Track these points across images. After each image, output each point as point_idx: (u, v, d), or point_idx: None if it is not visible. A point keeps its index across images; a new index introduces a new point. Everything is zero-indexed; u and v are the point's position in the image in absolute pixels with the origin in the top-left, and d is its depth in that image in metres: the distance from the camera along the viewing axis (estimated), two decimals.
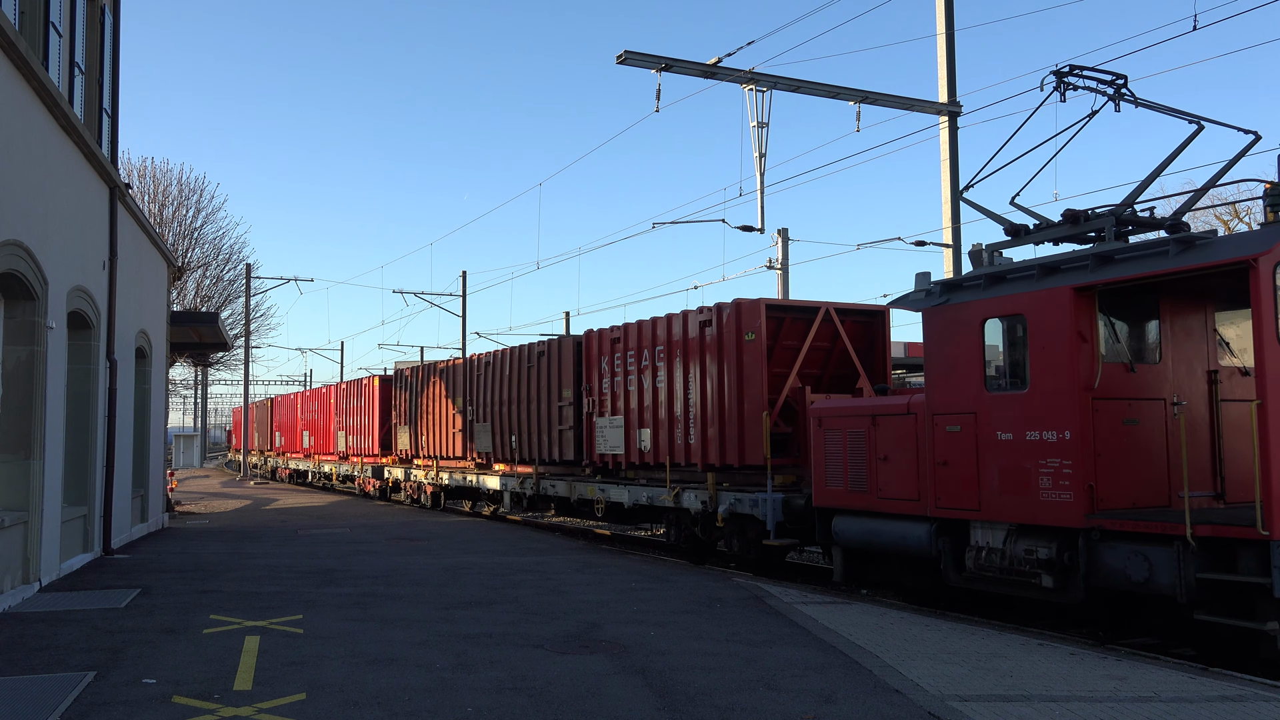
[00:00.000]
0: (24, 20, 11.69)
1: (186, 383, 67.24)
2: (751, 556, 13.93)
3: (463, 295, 46.78)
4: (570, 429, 18.12)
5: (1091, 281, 9.18)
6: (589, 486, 17.69)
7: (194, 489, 37.38)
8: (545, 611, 10.07)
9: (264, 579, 12.49)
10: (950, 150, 20.37)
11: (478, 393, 22.04)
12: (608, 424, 16.93)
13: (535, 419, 19.32)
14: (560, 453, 18.50)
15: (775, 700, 6.65)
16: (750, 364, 13.90)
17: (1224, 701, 6.69)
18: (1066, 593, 9.40)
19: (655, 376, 15.76)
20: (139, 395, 18.25)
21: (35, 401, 11.32)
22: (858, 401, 12.15)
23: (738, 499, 13.72)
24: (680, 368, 15.15)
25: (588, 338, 17.68)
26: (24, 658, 7.93)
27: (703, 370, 14.70)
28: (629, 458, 16.44)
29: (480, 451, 21.96)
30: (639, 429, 16.11)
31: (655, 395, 15.77)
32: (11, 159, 10.24)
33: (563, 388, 18.35)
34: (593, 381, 17.43)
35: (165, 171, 40.22)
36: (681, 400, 15.09)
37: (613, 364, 16.90)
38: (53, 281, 11.81)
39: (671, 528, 15.74)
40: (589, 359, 17.57)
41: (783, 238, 28.21)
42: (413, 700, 6.63)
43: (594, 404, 17.36)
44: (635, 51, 17.58)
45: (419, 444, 25.76)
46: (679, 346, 15.22)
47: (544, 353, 19.20)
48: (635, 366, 16.26)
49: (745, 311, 14.06)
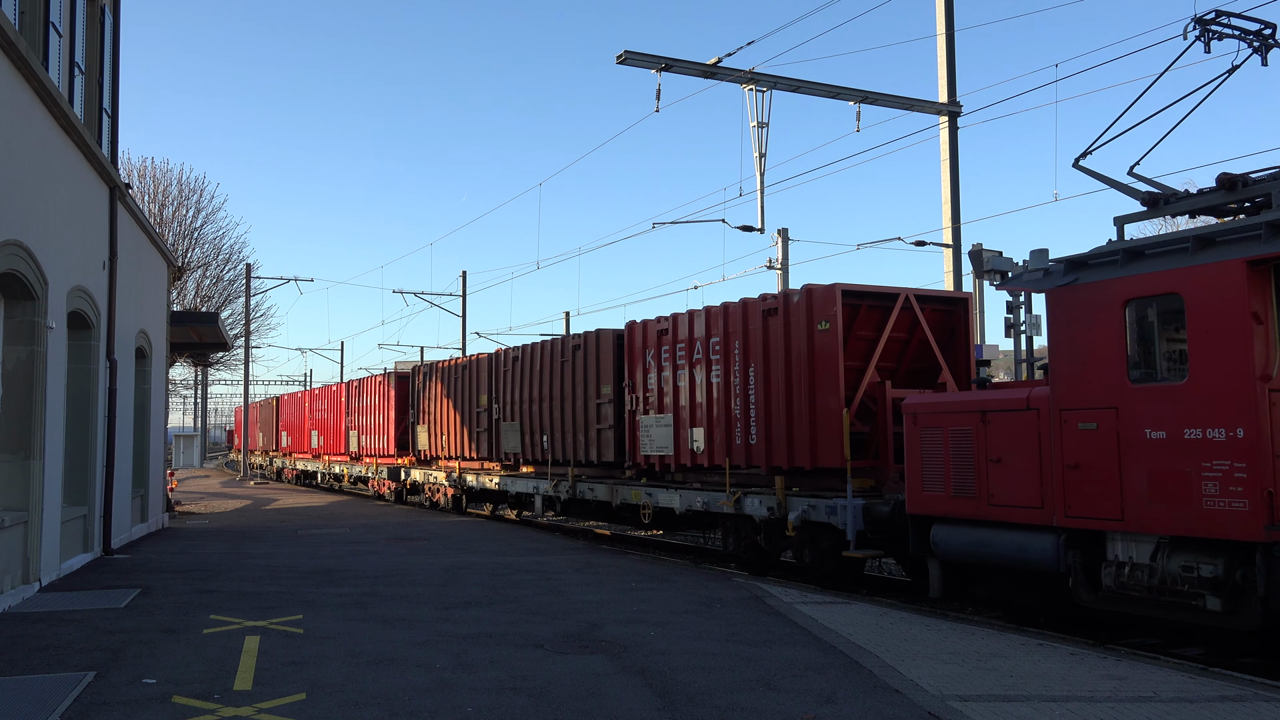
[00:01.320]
0: (24, 20, 11.69)
1: (186, 383, 67.30)
2: (826, 569, 12.74)
3: (463, 295, 46.79)
4: (610, 428, 17.01)
5: (1269, 254, 7.89)
6: (634, 490, 16.35)
7: (194, 489, 37.38)
8: (545, 611, 10.07)
9: (264, 579, 12.49)
10: (950, 150, 20.37)
11: (504, 390, 20.86)
12: (654, 423, 15.75)
13: (570, 418, 18.18)
14: (599, 454, 17.38)
15: (775, 700, 6.65)
16: (824, 356, 12.68)
17: (1224, 701, 6.69)
18: (1239, 617, 8.14)
19: (710, 371, 14.54)
20: (139, 395, 18.25)
21: (35, 401, 11.32)
22: (963, 396, 10.78)
23: (811, 505, 12.47)
24: (739, 361, 13.92)
25: (630, 330, 16.56)
26: (24, 658, 7.93)
27: (766, 363, 13.48)
28: (678, 459, 15.27)
29: (507, 452, 20.82)
30: (690, 428, 14.91)
31: (710, 391, 14.57)
32: (11, 159, 10.24)
33: (601, 384, 17.24)
34: (636, 377, 16.27)
35: (165, 171, 40.25)
36: (741, 397, 13.90)
37: (659, 357, 15.71)
38: (53, 281, 11.81)
39: (729, 536, 14.56)
40: (632, 352, 16.43)
41: (783, 238, 28.22)
42: (413, 700, 6.63)
43: (637, 401, 16.19)
44: (635, 51, 17.58)
45: (439, 444, 24.68)
46: (737, 338, 13.97)
47: (579, 346, 17.98)
48: (686, 360, 15.05)
49: (818, 298, 12.81)
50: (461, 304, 46.69)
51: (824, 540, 12.61)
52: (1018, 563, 9.77)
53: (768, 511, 13.27)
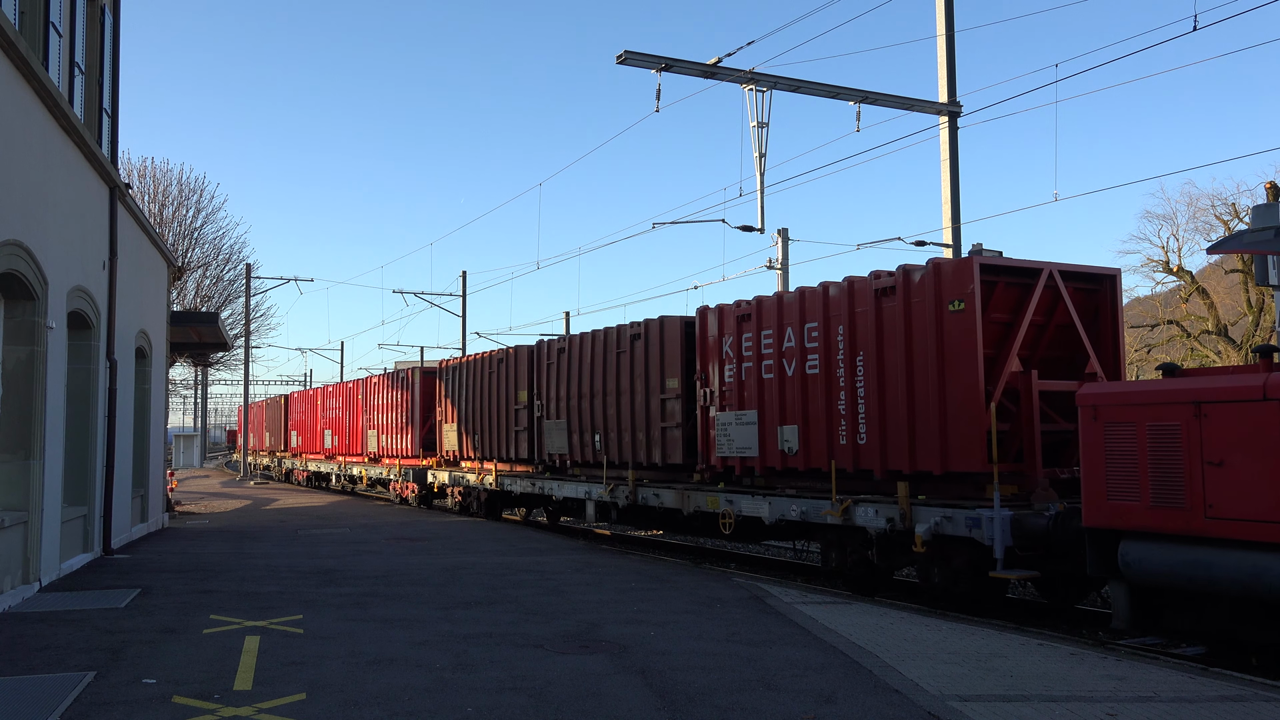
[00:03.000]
0: (24, 20, 11.70)
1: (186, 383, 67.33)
2: (962, 591, 11.07)
3: (463, 295, 46.79)
4: (677, 427, 15.43)
5: None
6: (710, 496, 14.57)
7: (194, 489, 37.38)
8: (545, 611, 10.07)
9: (264, 579, 12.49)
10: (950, 150, 20.36)
11: (548, 385, 19.14)
12: (733, 420, 14.07)
13: (628, 415, 16.54)
14: (663, 455, 15.75)
15: (775, 700, 6.65)
16: (956, 341, 11.07)
17: (1224, 701, 6.69)
18: None
19: (805, 361, 12.88)
20: (139, 395, 18.25)
21: (35, 401, 11.32)
22: (1168, 384, 8.98)
23: (947, 517, 10.81)
24: (844, 349, 12.33)
25: (703, 317, 14.94)
26: (24, 658, 7.93)
27: (880, 351, 11.89)
28: (764, 461, 13.60)
29: (551, 453, 19.09)
30: (780, 426, 13.24)
31: (805, 384, 12.86)
32: (11, 159, 10.24)
33: (666, 377, 15.70)
34: (710, 369, 14.64)
35: (165, 171, 40.28)
36: (846, 390, 12.30)
37: (739, 346, 14.07)
38: (53, 281, 11.81)
39: (832, 550, 12.80)
40: (705, 342, 14.80)
41: (783, 238, 28.21)
42: (413, 700, 6.63)
43: (712, 396, 14.54)
44: (635, 51, 17.58)
45: (469, 444, 22.95)
46: (840, 322, 12.40)
47: (640, 335, 16.37)
48: (774, 349, 13.40)
49: (948, 274, 11.16)
50: (461, 304, 46.71)
51: (957, 557, 11.04)
52: (1251, 589, 8.09)
53: (886, 523, 11.55)
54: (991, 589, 11.06)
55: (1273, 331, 30.66)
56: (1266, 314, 36.96)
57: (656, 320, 16.11)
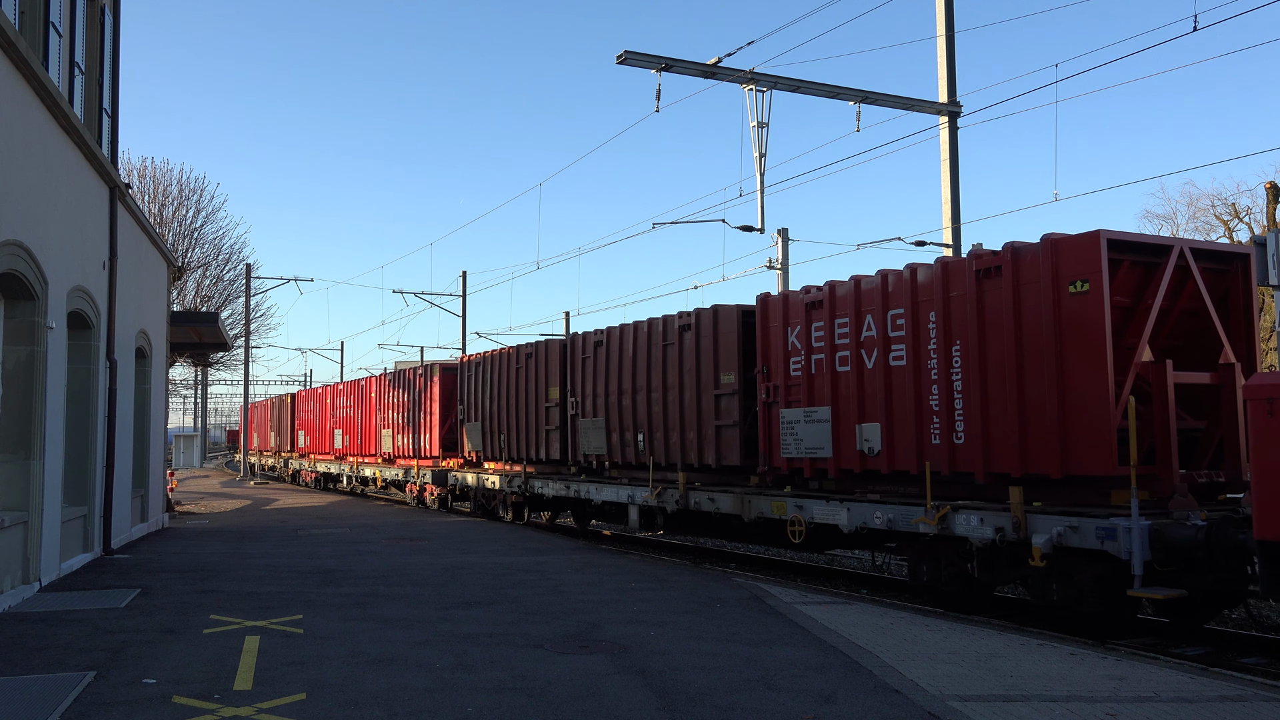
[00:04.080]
0: (24, 20, 11.69)
1: (186, 383, 67.34)
2: (1089, 610, 9.78)
3: (463, 295, 46.79)
4: (733, 425, 14.33)
5: None
6: (775, 502, 13.34)
7: (194, 489, 37.38)
8: (545, 611, 10.08)
9: (264, 579, 12.49)
10: (950, 150, 20.37)
11: (583, 381, 18.09)
12: (801, 418, 13.03)
13: (676, 412, 15.51)
14: (718, 456, 14.65)
15: (775, 700, 6.65)
16: (1080, 327, 9.86)
17: (1224, 701, 6.69)
18: None
19: (888, 351, 11.81)
20: (139, 395, 18.26)
21: (35, 401, 11.32)
22: None
23: (1073, 527, 9.59)
24: (937, 337, 11.22)
25: (765, 305, 13.78)
26: (24, 658, 7.93)
27: (981, 339, 10.75)
28: (839, 463, 12.50)
29: (588, 453, 17.96)
30: (859, 424, 12.16)
31: (889, 377, 11.80)
32: (12, 159, 10.24)
33: (721, 371, 14.65)
34: (774, 361, 13.55)
35: (165, 171, 40.26)
36: (940, 383, 11.16)
37: (808, 336, 12.98)
38: (53, 281, 11.81)
39: (923, 563, 11.57)
40: (767, 332, 13.70)
41: (783, 238, 28.22)
42: (413, 700, 6.63)
43: (776, 391, 13.45)
44: (635, 51, 17.58)
45: (495, 444, 21.80)
46: (932, 308, 11.31)
47: (690, 326, 15.29)
48: (851, 338, 12.33)
49: (1068, 251, 10.01)
50: (461, 304, 46.72)
51: (1082, 572, 9.80)
52: None
53: (994, 533, 10.36)
54: (1123, 608, 9.74)
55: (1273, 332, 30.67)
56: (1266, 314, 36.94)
57: (709, 310, 15.01)
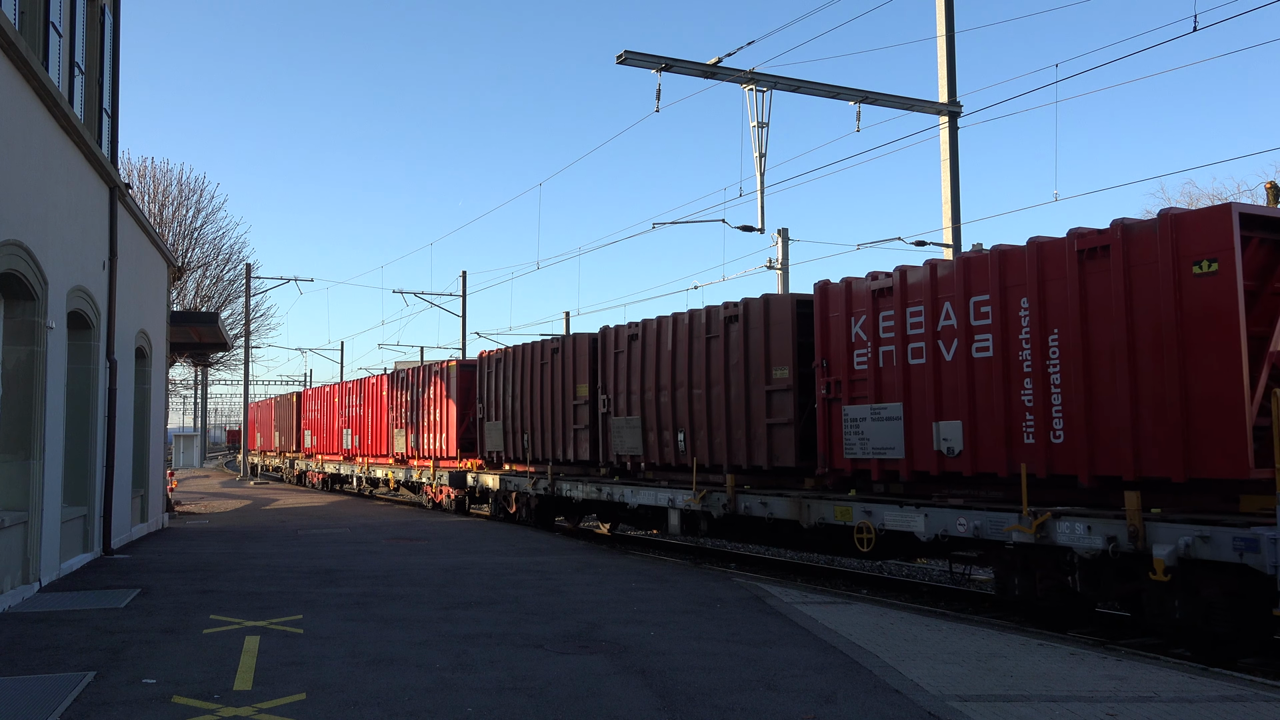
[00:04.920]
0: (24, 20, 11.69)
1: (186, 383, 67.37)
2: (1219, 630, 8.75)
3: (463, 295, 46.79)
4: (788, 424, 13.25)
5: None
6: (841, 506, 12.25)
7: (194, 489, 37.38)
8: (545, 611, 10.07)
9: (264, 579, 12.49)
10: (950, 150, 20.37)
11: (615, 377, 17.13)
12: (867, 415, 12.04)
13: (721, 410, 14.48)
14: (770, 456, 13.60)
15: (775, 700, 6.65)
16: (1205, 314, 8.87)
17: (1224, 701, 6.69)
18: None
19: (972, 342, 10.85)
20: (139, 395, 18.26)
21: (35, 401, 11.32)
22: None
23: (1203, 537, 8.52)
24: (1030, 326, 10.21)
25: (825, 293, 12.71)
26: (24, 658, 7.93)
27: (1084, 326, 9.75)
28: (913, 464, 11.50)
29: (620, 454, 16.98)
30: (937, 422, 11.18)
31: (972, 371, 10.84)
32: (12, 159, 10.24)
33: (772, 365, 13.59)
34: (834, 354, 12.59)
35: (165, 171, 40.28)
36: (1035, 376, 10.14)
37: (875, 326, 12.01)
38: (53, 281, 11.81)
39: (1013, 574, 10.56)
40: (826, 323, 12.69)
41: (783, 238, 28.22)
42: (413, 700, 6.63)
43: (837, 386, 12.43)
44: (635, 51, 17.58)
45: (517, 445, 20.82)
46: (1025, 293, 10.25)
47: (737, 317, 14.26)
48: (927, 327, 11.31)
49: (1193, 227, 9.01)
50: (461, 304, 46.71)
51: (1209, 587, 8.81)
52: None
53: (1105, 543, 9.29)
54: (1260, 630, 8.77)
55: None
56: None
57: (759, 299, 13.98)
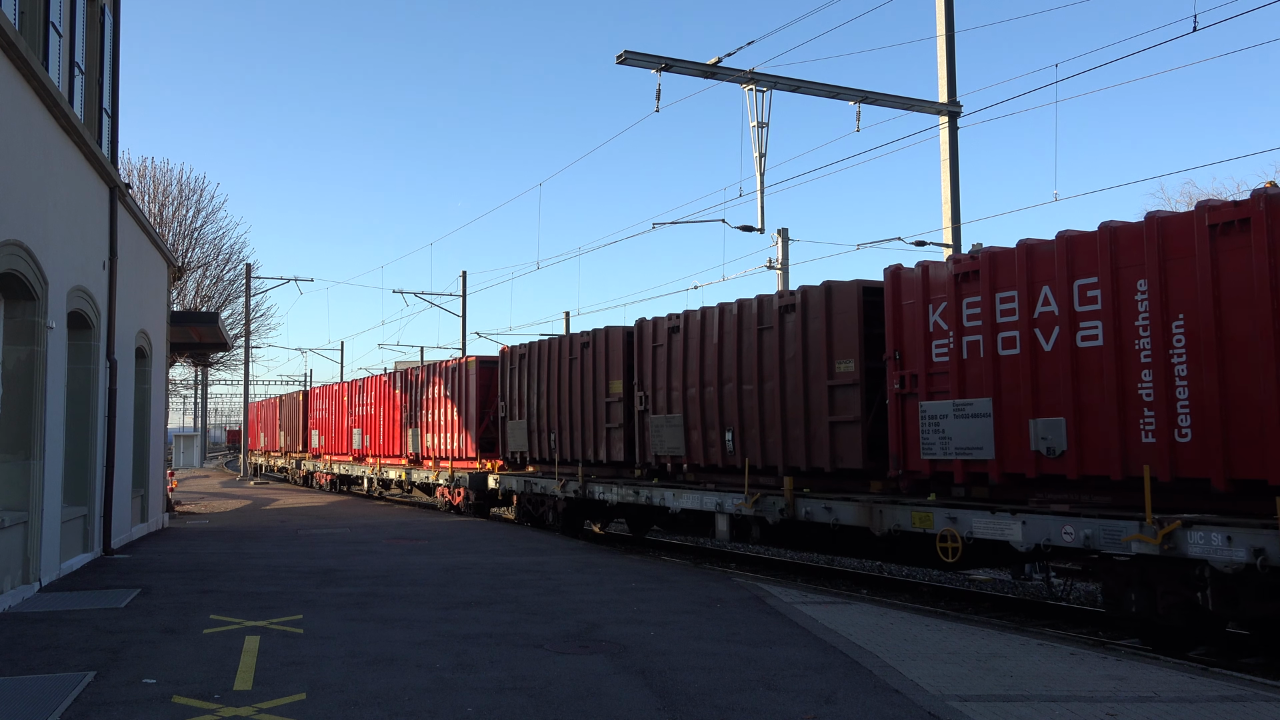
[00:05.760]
0: (24, 20, 11.69)
1: (186, 383, 67.37)
2: None
3: (463, 295, 46.79)
4: (854, 422, 12.26)
5: None
6: (919, 512, 11.17)
7: (194, 489, 37.38)
8: (545, 611, 10.08)
9: (264, 579, 12.49)
10: (950, 150, 20.37)
11: (654, 372, 16.10)
12: (950, 411, 11.00)
13: (775, 407, 13.44)
14: (833, 457, 12.53)
15: (775, 700, 6.65)
16: None
17: (1224, 701, 6.69)
18: None
19: (1076, 329, 9.77)
20: (139, 395, 18.26)
21: (35, 401, 11.32)
22: None
23: None
24: (1149, 310, 9.16)
25: (898, 279, 11.74)
26: (24, 658, 7.93)
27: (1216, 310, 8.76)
28: (1004, 466, 10.43)
29: (660, 454, 15.94)
30: (1033, 419, 10.09)
31: (1076, 362, 9.76)
32: (12, 159, 10.24)
33: (836, 359, 12.55)
34: (909, 345, 11.54)
35: (165, 171, 40.29)
36: (1156, 368, 9.11)
37: (958, 314, 10.97)
38: (53, 281, 11.81)
39: (1129, 589, 9.39)
40: (898, 311, 11.69)
41: (783, 238, 28.22)
42: (413, 700, 6.63)
43: (912, 381, 11.45)
44: (635, 51, 17.58)
45: (544, 444, 19.67)
46: (1143, 275, 9.22)
47: (793, 307, 13.20)
48: (1021, 315, 10.30)
49: None
50: (461, 304, 46.71)
51: None
52: None
53: (1250, 555, 8.24)
54: None
55: None
56: None
57: (819, 287, 12.91)
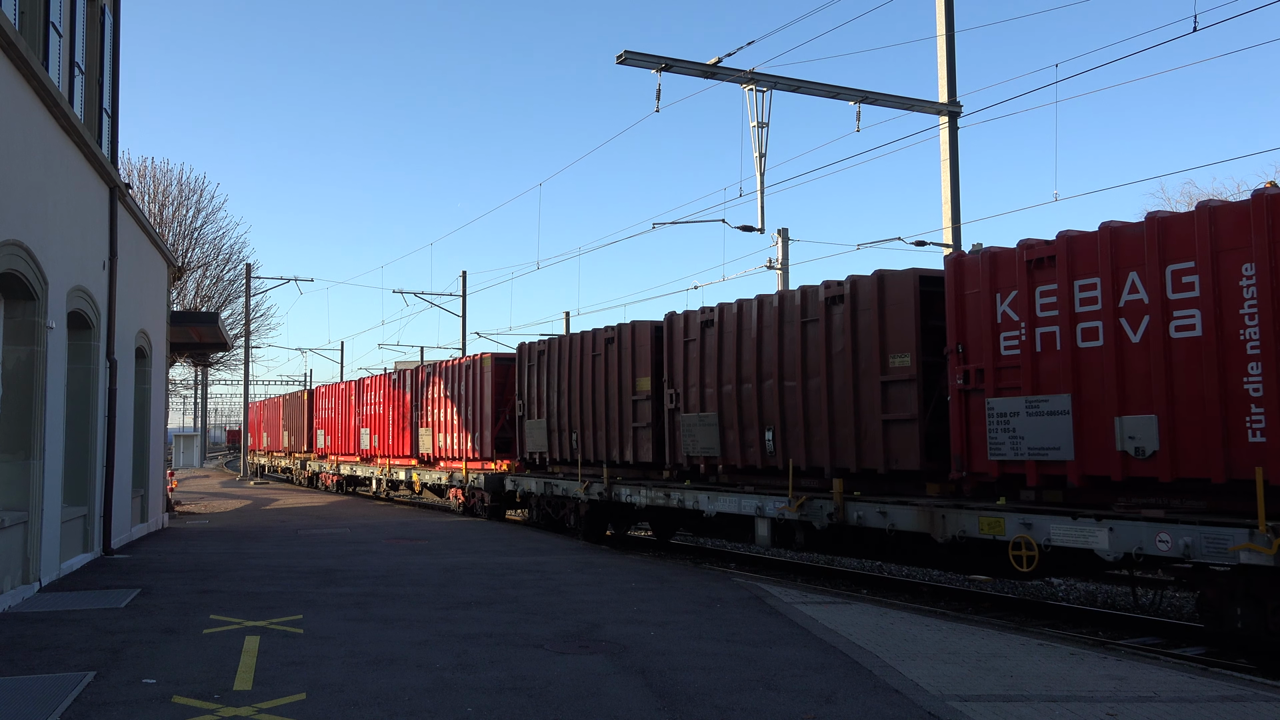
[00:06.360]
0: (24, 20, 11.70)
1: (186, 383, 67.41)
2: None
3: (463, 295, 46.79)
4: (909, 420, 11.49)
5: None
6: (989, 517, 10.27)
7: (194, 489, 37.38)
8: (545, 611, 10.07)
9: (264, 579, 12.49)
10: (950, 150, 20.37)
11: (685, 369, 15.31)
12: (1021, 409, 10.20)
13: (820, 404, 12.64)
14: (887, 457, 11.75)
15: (775, 700, 6.65)
16: None
17: (1224, 701, 6.69)
18: None
19: (1169, 319, 9.10)
20: (139, 395, 18.26)
21: (35, 401, 11.32)
22: None
23: None
24: (1258, 297, 8.52)
25: (960, 267, 11.00)
26: (24, 658, 7.93)
27: None
28: (1084, 467, 9.66)
29: (693, 454, 15.03)
30: (1119, 416, 9.34)
31: (1169, 354, 9.12)
32: (12, 159, 10.24)
33: (890, 353, 11.83)
34: (973, 337, 10.83)
35: (165, 171, 40.29)
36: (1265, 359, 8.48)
37: (1030, 304, 10.20)
38: (53, 281, 11.81)
39: (1234, 603, 8.71)
40: (960, 302, 10.96)
41: (783, 238, 28.22)
42: (413, 700, 6.63)
43: (977, 376, 10.70)
44: (635, 52, 17.59)
45: (564, 444, 18.88)
46: (1247, 257, 8.59)
47: (840, 298, 12.46)
48: (1104, 303, 9.54)
49: None
50: (461, 304, 46.72)
51: None
52: None
53: None
54: None
55: None
56: None
57: (870, 277, 12.10)
